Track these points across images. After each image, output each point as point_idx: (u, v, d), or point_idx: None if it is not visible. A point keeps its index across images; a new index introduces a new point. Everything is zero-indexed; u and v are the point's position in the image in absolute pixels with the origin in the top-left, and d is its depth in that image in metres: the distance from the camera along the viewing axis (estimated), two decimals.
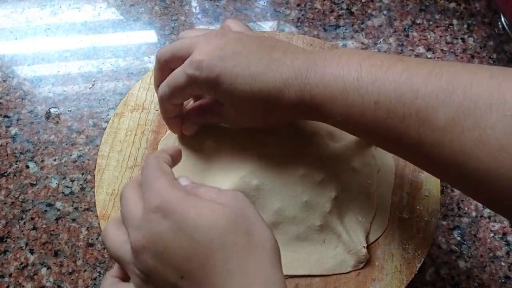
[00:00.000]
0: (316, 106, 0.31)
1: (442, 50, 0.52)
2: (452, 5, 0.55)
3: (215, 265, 0.25)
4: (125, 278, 0.30)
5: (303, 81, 0.31)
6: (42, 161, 0.47)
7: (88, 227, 0.44)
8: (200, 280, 0.25)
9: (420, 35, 0.53)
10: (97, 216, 0.39)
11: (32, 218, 0.45)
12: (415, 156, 0.30)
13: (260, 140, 0.39)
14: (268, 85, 0.32)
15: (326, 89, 0.30)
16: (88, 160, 0.47)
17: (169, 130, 0.41)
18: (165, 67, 0.36)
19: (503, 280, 0.42)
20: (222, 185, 0.37)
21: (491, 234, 0.44)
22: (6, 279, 0.42)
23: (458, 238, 0.43)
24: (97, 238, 0.44)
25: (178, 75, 0.34)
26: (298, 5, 0.54)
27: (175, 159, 0.33)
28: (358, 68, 0.29)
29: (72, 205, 0.45)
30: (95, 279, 0.42)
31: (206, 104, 0.39)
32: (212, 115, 0.38)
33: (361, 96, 0.29)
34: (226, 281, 0.24)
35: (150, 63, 0.51)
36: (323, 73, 0.30)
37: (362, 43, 0.52)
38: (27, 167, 0.47)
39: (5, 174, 0.46)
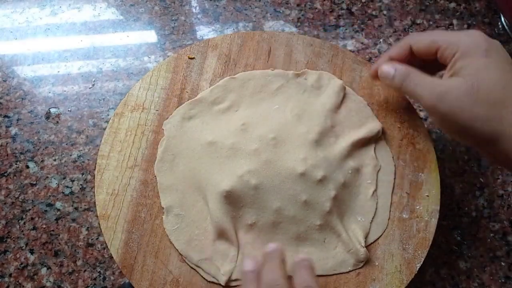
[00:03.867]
0: None
1: None
2: (452, 5, 0.54)
3: None
4: None
5: None
6: (42, 161, 0.47)
7: (88, 227, 0.44)
8: None
9: None
10: (97, 216, 0.39)
11: (32, 218, 0.45)
12: None
13: (258, 138, 0.39)
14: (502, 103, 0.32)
15: None
16: (88, 160, 0.47)
17: (167, 129, 0.42)
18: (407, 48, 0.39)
19: (503, 280, 0.42)
20: (221, 185, 0.37)
21: (491, 234, 0.44)
22: (6, 279, 0.42)
23: (458, 238, 0.43)
24: (97, 238, 0.44)
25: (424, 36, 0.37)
26: (298, 5, 0.54)
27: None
28: None
29: (72, 205, 0.45)
30: (95, 279, 0.42)
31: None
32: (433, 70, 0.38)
33: None
34: None
35: (150, 63, 0.51)
36: None
37: (362, 43, 0.52)
38: (27, 167, 0.47)
39: (5, 174, 0.46)
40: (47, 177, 0.46)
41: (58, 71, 0.51)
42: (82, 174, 0.46)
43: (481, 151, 0.39)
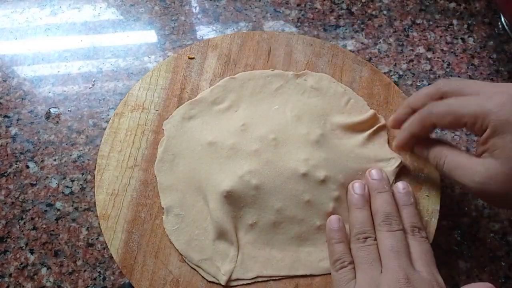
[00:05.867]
0: None
1: (442, 50, 0.52)
2: (452, 5, 0.54)
3: None
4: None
5: None
6: (42, 161, 0.47)
7: (88, 227, 0.44)
8: None
9: (420, 35, 0.53)
10: (97, 216, 0.39)
11: (32, 218, 0.45)
12: None
13: (258, 139, 0.39)
14: None
15: None
16: (88, 160, 0.47)
17: (167, 129, 0.42)
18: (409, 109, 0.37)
19: (503, 280, 0.42)
20: (221, 185, 0.37)
21: (491, 234, 0.44)
22: (6, 279, 0.42)
23: (458, 238, 0.43)
24: (97, 238, 0.44)
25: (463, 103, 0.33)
26: (298, 5, 0.54)
27: None
28: None
29: (72, 205, 0.45)
30: (95, 279, 0.42)
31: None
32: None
33: None
34: None
35: (150, 63, 0.51)
36: None
37: (362, 43, 0.52)
38: (27, 167, 0.47)
39: (5, 174, 0.46)
40: (47, 177, 0.46)
41: (58, 71, 0.51)
42: (82, 174, 0.46)
43: None
